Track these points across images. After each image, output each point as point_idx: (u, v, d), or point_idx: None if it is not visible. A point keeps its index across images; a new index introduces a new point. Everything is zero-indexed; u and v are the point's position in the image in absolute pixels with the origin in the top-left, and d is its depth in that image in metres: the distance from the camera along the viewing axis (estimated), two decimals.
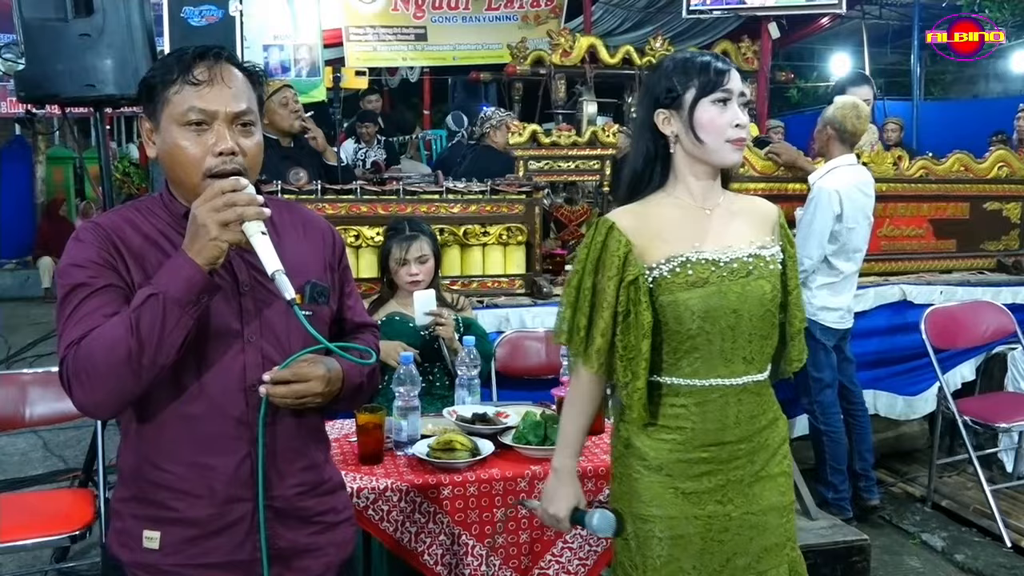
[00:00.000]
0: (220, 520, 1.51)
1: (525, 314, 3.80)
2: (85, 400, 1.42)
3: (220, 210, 1.37)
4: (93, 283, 1.44)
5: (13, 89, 3.69)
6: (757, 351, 1.75)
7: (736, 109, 1.73)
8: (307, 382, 1.49)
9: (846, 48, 12.36)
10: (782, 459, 1.83)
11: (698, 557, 1.75)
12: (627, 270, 1.71)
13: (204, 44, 1.52)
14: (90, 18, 3.36)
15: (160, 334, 1.36)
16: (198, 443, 1.49)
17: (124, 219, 1.53)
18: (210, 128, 1.47)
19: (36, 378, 3.19)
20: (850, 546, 3.17)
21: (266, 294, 1.52)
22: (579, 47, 5.68)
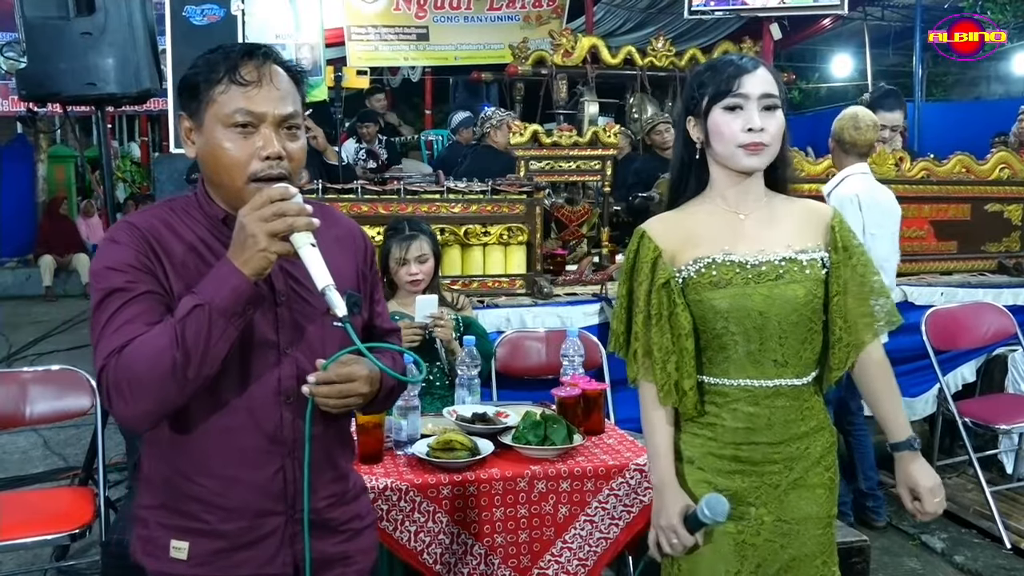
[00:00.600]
0: (251, 533, 1.49)
1: (525, 314, 3.81)
2: (127, 412, 1.37)
3: (269, 220, 1.32)
4: (132, 288, 1.39)
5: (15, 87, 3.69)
6: (791, 355, 1.73)
7: (752, 113, 1.69)
8: (352, 382, 1.44)
9: (848, 49, 12.37)
10: (824, 471, 1.80)
11: (730, 558, 1.75)
12: (657, 274, 1.74)
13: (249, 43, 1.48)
14: (92, 17, 3.37)
15: (206, 345, 1.32)
16: (232, 456, 1.46)
17: (160, 220, 1.47)
18: (256, 131, 1.42)
19: (36, 376, 3.20)
20: (849, 547, 3.16)
21: (303, 305, 1.49)
22: (581, 47, 5.67)
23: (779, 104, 1.73)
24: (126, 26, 3.44)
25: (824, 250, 1.78)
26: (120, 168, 13.10)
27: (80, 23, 3.36)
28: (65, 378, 3.17)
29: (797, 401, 1.76)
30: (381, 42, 8.11)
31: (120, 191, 12.37)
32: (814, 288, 1.74)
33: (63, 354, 7.12)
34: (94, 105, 3.64)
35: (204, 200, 1.51)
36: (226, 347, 1.35)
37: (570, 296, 4.03)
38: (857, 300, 1.77)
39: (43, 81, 3.41)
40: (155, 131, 13.47)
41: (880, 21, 10.51)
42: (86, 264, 11.31)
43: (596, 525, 2.36)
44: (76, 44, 3.36)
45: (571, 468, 2.35)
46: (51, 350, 7.47)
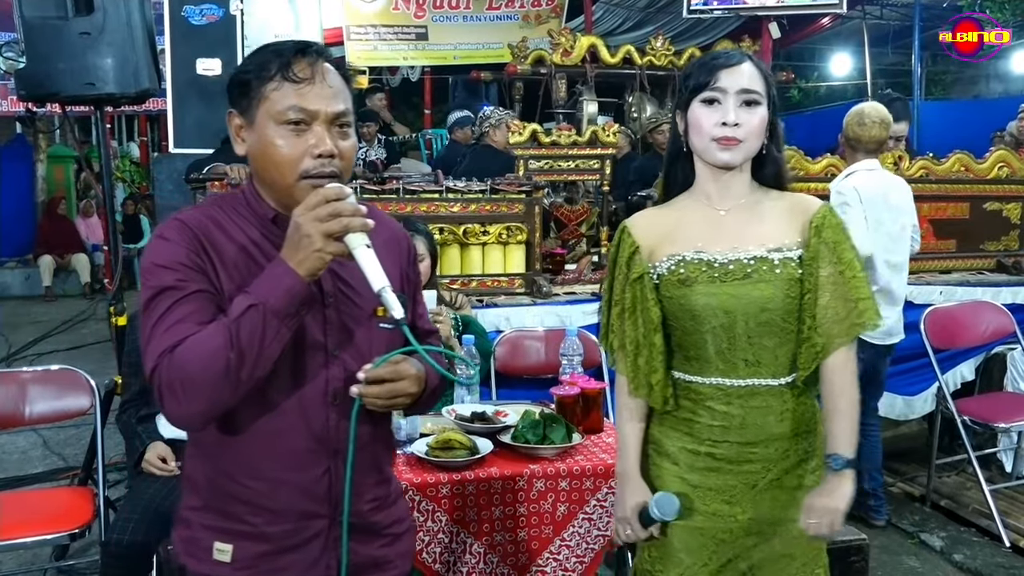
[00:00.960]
0: (296, 536, 1.47)
1: (525, 313, 3.81)
2: (179, 412, 1.36)
3: (325, 220, 1.31)
4: (183, 287, 1.38)
5: (14, 87, 3.69)
6: (765, 355, 1.71)
7: (728, 107, 1.68)
8: (401, 380, 1.43)
9: (847, 48, 12.36)
10: (807, 474, 1.76)
11: (698, 552, 1.76)
12: (632, 268, 1.76)
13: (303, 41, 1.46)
14: (90, 16, 3.37)
15: (260, 346, 1.31)
16: (279, 458, 1.45)
17: (209, 218, 1.46)
18: (309, 128, 1.41)
19: (36, 376, 3.20)
20: (848, 546, 3.16)
21: (350, 306, 1.48)
22: (580, 47, 5.67)
23: (761, 100, 1.71)
24: (125, 26, 3.44)
25: (800, 249, 1.72)
26: (119, 168, 13.08)
27: (79, 23, 3.36)
28: (64, 378, 3.17)
29: (775, 402, 1.73)
30: (380, 42, 8.11)
31: (119, 191, 12.35)
32: (786, 288, 1.69)
33: (63, 354, 7.13)
34: (93, 105, 3.64)
35: (253, 198, 1.49)
36: (279, 348, 1.35)
37: (569, 295, 4.03)
38: (835, 299, 1.69)
39: (42, 81, 3.41)
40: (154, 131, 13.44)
41: (879, 20, 10.50)
42: (85, 264, 11.32)
43: (594, 523, 2.37)
44: (75, 44, 3.36)
45: (570, 467, 2.35)
46: (51, 350, 7.48)
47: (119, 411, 2.97)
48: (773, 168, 1.79)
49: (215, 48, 5.38)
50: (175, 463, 2.74)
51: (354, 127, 1.49)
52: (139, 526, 2.56)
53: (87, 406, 3.13)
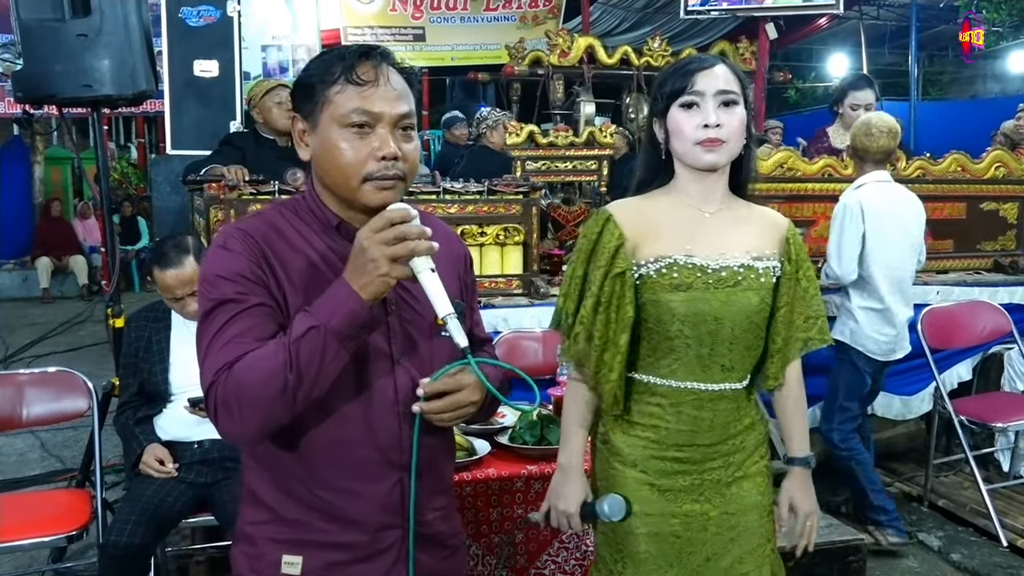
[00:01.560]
0: (371, 547, 1.45)
1: (522, 314, 3.81)
2: (233, 429, 1.34)
3: (391, 244, 1.29)
4: (244, 300, 1.36)
5: (11, 89, 3.69)
6: (738, 360, 1.75)
7: (708, 109, 1.69)
8: (463, 390, 1.42)
9: (844, 49, 12.39)
10: (759, 459, 1.83)
11: (676, 555, 1.76)
12: (616, 263, 1.72)
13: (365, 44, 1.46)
14: (87, 18, 3.36)
15: (319, 368, 1.30)
16: (350, 469, 1.42)
17: (271, 227, 1.44)
18: (372, 131, 1.39)
19: (33, 378, 3.20)
20: (846, 545, 3.17)
21: (412, 314, 1.47)
22: (577, 47, 5.68)
23: (739, 100, 1.72)
24: (122, 28, 3.44)
25: (777, 259, 1.78)
26: (117, 170, 13.08)
27: (76, 25, 3.36)
28: (62, 380, 3.17)
29: (736, 403, 1.78)
30: (378, 43, 8.11)
31: None
32: (766, 297, 1.75)
33: (60, 356, 7.12)
34: (90, 107, 3.64)
35: (316, 205, 1.47)
36: (337, 370, 1.33)
37: None
38: (796, 314, 1.80)
39: (39, 83, 3.41)
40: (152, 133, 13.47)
41: (876, 20, 10.54)
42: (83, 266, 11.31)
43: None
44: (72, 46, 3.36)
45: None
46: (48, 352, 7.47)
47: (116, 413, 2.96)
48: (745, 173, 1.81)
49: (212, 50, 5.38)
50: (172, 465, 2.74)
51: (417, 130, 1.47)
52: (137, 528, 2.56)
53: (84, 408, 3.13)
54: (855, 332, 3.58)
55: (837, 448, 3.63)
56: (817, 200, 4.30)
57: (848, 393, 3.64)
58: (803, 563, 1.93)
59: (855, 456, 3.62)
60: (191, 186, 3.78)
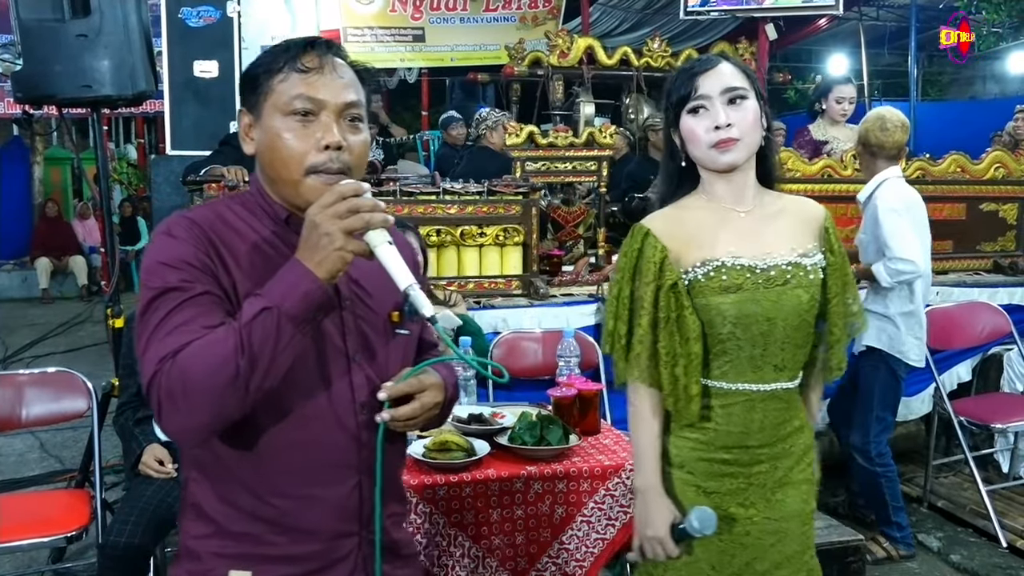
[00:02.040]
0: (325, 557, 1.37)
1: (522, 315, 3.81)
2: (178, 424, 1.24)
3: (344, 216, 1.22)
4: (189, 288, 1.27)
5: (10, 90, 3.69)
6: (789, 359, 1.73)
7: (717, 111, 1.68)
8: (427, 391, 1.37)
9: (843, 49, 12.38)
10: (806, 466, 1.81)
11: (718, 558, 1.75)
12: (664, 275, 1.71)
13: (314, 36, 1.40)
14: (87, 19, 3.37)
15: (273, 353, 1.21)
16: (307, 473, 1.35)
17: (219, 216, 1.37)
18: (316, 119, 1.33)
19: (33, 379, 3.20)
20: (846, 546, 3.17)
21: (365, 310, 1.41)
22: (577, 48, 5.67)
23: (747, 94, 1.70)
24: (122, 28, 3.44)
25: (820, 252, 1.77)
26: (116, 170, 13.07)
27: (76, 25, 3.36)
28: (61, 380, 3.17)
29: (787, 403, 1.77)
30: (377, 43, 8.11)
31: (117, 193, 12.35)
32: (815, 293, 1.74)
33: (59, 356, 7.12)
34: (90, 107, 3.64)
35: (263, 200, 1.41)
36: (292, 356, 1.25)
37: (566, 297, 4.03)
38: (842, 300, 1.78)
39: (39, 83, 3.41)
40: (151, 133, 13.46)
41: (875, 21, 10.52)
42: (82, 266, 11.31)
43: (593, 526, 2.36)
44: (72, 46, 3.36)
45: (567, 469, 2.35)
46: (47, 352, 7.47)
47: (116, 413, 2.97)
48: (767, 167, 1.79)
49: (212, 50, 5.38)
50: (172, 465, 2.74)
51: (367, 124, 1.41)
52: (136, 528, 2.56)
53: (84, 408, 3.13)
54: (894, 339, 3.45)
55: (872, 462, 3.49)
56: (817, 201, 4.28)
57: (885, 403, 3.54)
58: None
59: (888, 472, 3.52)
60: (191, 186, 3.78)
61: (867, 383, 3.52)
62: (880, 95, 12.30)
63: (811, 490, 1.83)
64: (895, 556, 3.52)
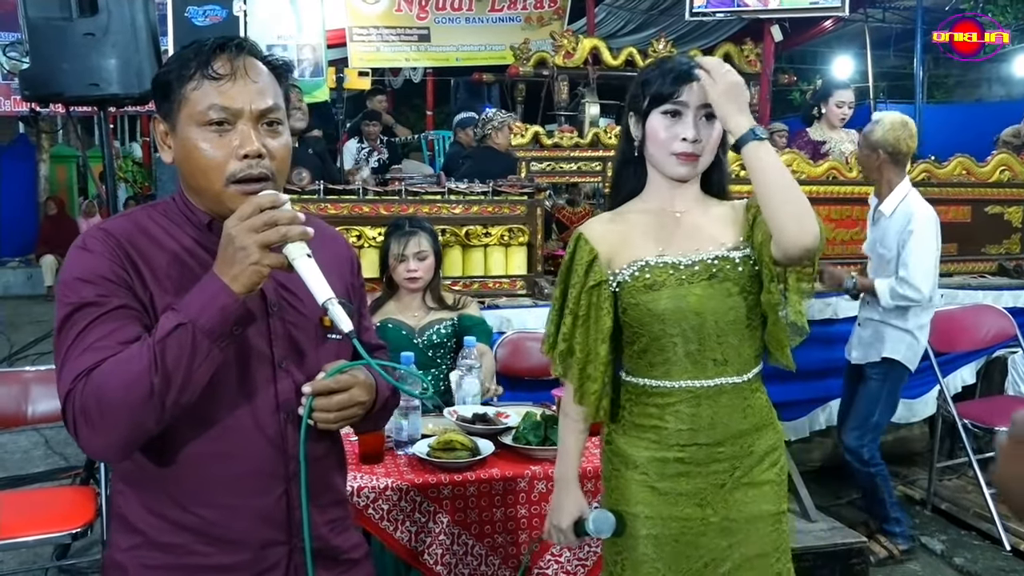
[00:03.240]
0: (255, 567, 1.35)
1: (526, 315, 3.82)
2: (94, 441, 1.23)
3: (260, 230, 1.20)
4: (104, 303, 1.25)
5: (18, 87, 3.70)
6: (732, 353, 1.73)
7: (689, 122, 1.69)
8: (350, 389, 1.33)
9: (849, 51, 12.37)
10: (770, 467, 1.79)
11: (673, 559, 1.75)
12: (590, 276, 1.75)
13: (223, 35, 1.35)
14: (94, 17, 3.38)
15: (188, 370, 1.19)
16: (231, 482, 1.33)
17: (137, 227, 1.34)
18: (233, 128, 1.30)
19: (38, 376, 3.20)
20: (849, 548, 3.17)
21: (295, 315, 1.39)
22: (582, 49, 5.68)
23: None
24: (128, 27, 3.45)
25: (748, 245, 1.73)
26: (122, 168, 13.11)
27: (83, 24, 3.37)
28: None
29: (739, 399, 1.76)
30: (383, 43, 8.13)
31: (122, 191, 12.38)
32: (747, 285, 1.73)
33: None
34: (96, 105, 3.65)
35: (184, 206, 1.38)
36: (209, 372, 1.22)
37: None
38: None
39: (46, 81, 3.42)
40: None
41: (881, 23, 10.51)
42: None
43: None
44: (79, 45, 3.37)
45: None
46: (52, 350, 7.48)
47: None
48: (719, 176, 1.81)
49: None
50: None
51: (287, 126, 1.38)
52: None
53: None
54: (912, 350, 3.45)
55: (865, 464, 3.49)
56: (822, 203, 4.30)
57: (888, 410, 3.56)
58: (806, 566, 1.91)
59: (882, 471, 3.53)
60: None
61: (875, 390, 3.52)
62: (885, 97, 12.28)
63: (777, 491, 1.81)
64: (896, 553, 3.52)
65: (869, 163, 3.49)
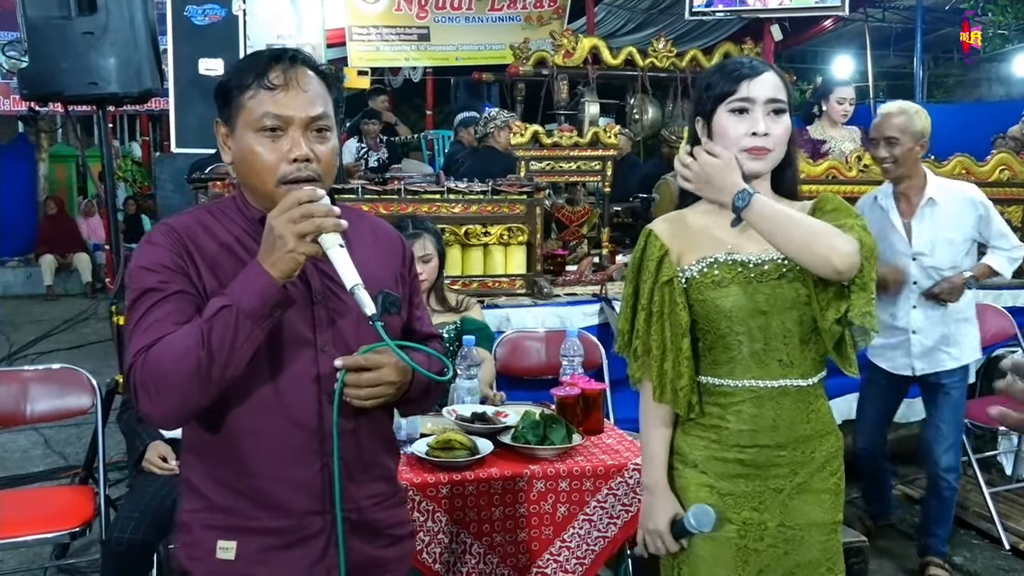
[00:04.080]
0: (298, 533, 1.49)
1: (526, 314, 3.82)
2: (152, 409, 1.40)
3: (297, 221, 1.35)
4: (164, 288, 1.42)
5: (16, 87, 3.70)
6: (797, 355, 1.72)
7: (757, 117, 1.70)
8: (380, 369, 1.46)
9: (849, 51, 12.38)
10: (829, 476, 1.79)
11: (732, 562, 1.74)
12: (661, 272, 1.75)
13: (281, 47, 1.52)
14: (93, 16, 3.38)
15: (231, 347, 1.34)
16: (275, 456, 1.46)
17: (197, 222, 1.51)
18: (285, 134, 1.45)
19: (37, 375, 3.20)
20: (848, 547, 3.16)
21: (339, 304, 1.51)
22: (582, 48, 5.68)
23: (786, 108, 1.73)
24: (128, 26, 3.45)
25: None
26: (121, 168, 13.10)
27: (82, 23, 3.37)
28: (66, 377, 3.18)
29: (803, 403, 1.75)
30: (382, 42, 8.11)
31: (121, 191, 12.37)
32: (814, 286, 1.70)
33: (64, 353, 7.14)
34: (95, 105, 3.65)
35: (241, 203, 1.54)
36: (251, 349, 1.37)
37: (570, 296, 4.03)
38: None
39: (45, 80, 3.42)
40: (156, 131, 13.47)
41: (881, 23, 10.52)
42: (87, 263, 11.34)
43: (595, 524, 2.37)
44: (78, 44, 3.37)
45: (570, 468, 2.35)
46: (52, 349, 7.49)
47: (120, 410, 2.97)
48: (791, 174, 1.80)
49: (217, 48, 5.38)
50: (175, 462, 2.74)
51: (335, 131, 1.52)
52: (139, 525, 2.57)
53: (88, 405, 3.14)
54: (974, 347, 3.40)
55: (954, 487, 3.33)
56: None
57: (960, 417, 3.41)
58: None
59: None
60: (196, 184, 3.79)
61: (958, 400, 3.36)
62: (885, 97, 12.27)
63: (835, 500, 1.80)
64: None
65: (911, 156, 3.22)
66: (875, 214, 3.34)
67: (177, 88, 5.35)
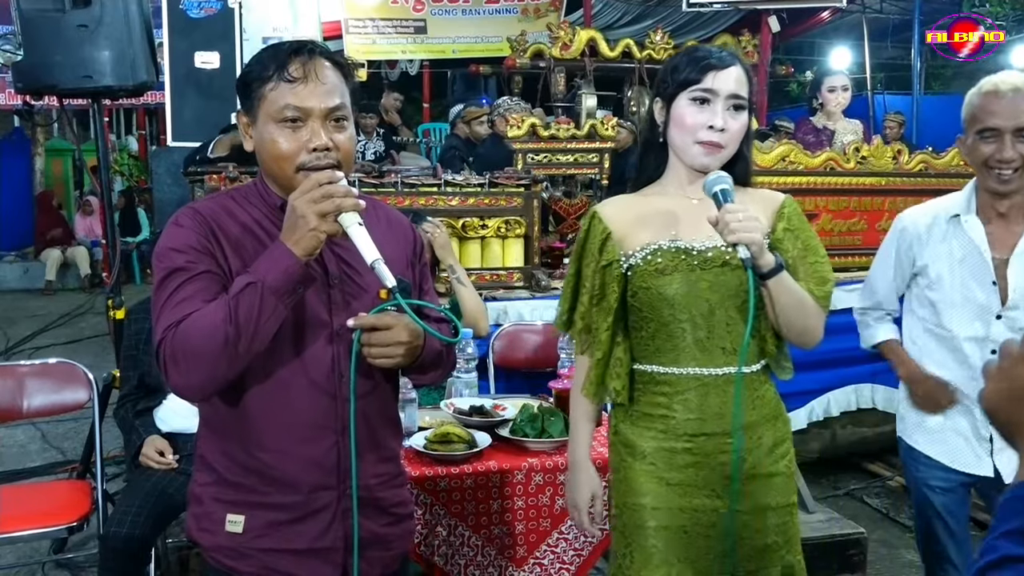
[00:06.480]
0: (307, 507, 1.55)
1: (523, 307, 3.81)
2: (181, 383, 1.46)
3: (318, 201, 1.40)
4: (192, 268, 1.48)
5: (11, 80, 3.68)
6: (740, 343, 1.71)
7: (717, 110, 1.68)
8: (391, 329, 1.49)
9: (846, 42, 12.33)
10: (779, 459, 1.79)
11: (683, 550, 1.75)
12: (604, 255, 1.76)
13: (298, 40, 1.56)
14: (88, 9, 3.37)
15: (257, 322, 1.40)
16: (288, 432, 1.53)
17: (221, 206, 1.57)
18: (305, 124, 1.50)
19: (34, 370, 3.19)
20: (847, 539, 3.18)
21: (354, 287, 1.57)
22: (579, 40, 5.66)
23: (746, 106, 1.71)
24: (122, 19, 3.44)
25: (768, 238, 1.72)
26: (118, 162, 13.08)
27: (76, 16, 3.36)
28: (63, 371, 3.17)
29: (748, 389, 1.75)
30: (379, 35, 8.09)
31: (117, 184, 12.35)
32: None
33: (61, 347, 7.12)
34: (91, 98, 3.64)
35: (263, 189, 1.60)
36: (276, 324, 1.43)
37: None
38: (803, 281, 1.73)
39: (39, 74, 3.41)
40: (152, 124, 13.46)
41: (879, 14, 10.49)
42: (84, 258, 11.31)
43: None
44: (72, 37, 3.35)
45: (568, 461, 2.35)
46: (49, 344, 7.48)
47: (117, 405, 2.97)
48: (742, 166, 1.79)
49: (213, 41, 5.37)
50: (172, 456, 2.74)
51: (352, 120, 1.57)
52: (137, 519, 2.56)
53: (85, 400, 3.13)
54: None
55: None
56: (819, 193, 4.30)
57: None
58: (804, 557, 1.90)
59: None
60: (192, 177, 3.78)
61: None
62: (883, 88, 12.26)
63: (786, 483, 1.80)
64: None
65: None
66: (948, 244, 2.24)
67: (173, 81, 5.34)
